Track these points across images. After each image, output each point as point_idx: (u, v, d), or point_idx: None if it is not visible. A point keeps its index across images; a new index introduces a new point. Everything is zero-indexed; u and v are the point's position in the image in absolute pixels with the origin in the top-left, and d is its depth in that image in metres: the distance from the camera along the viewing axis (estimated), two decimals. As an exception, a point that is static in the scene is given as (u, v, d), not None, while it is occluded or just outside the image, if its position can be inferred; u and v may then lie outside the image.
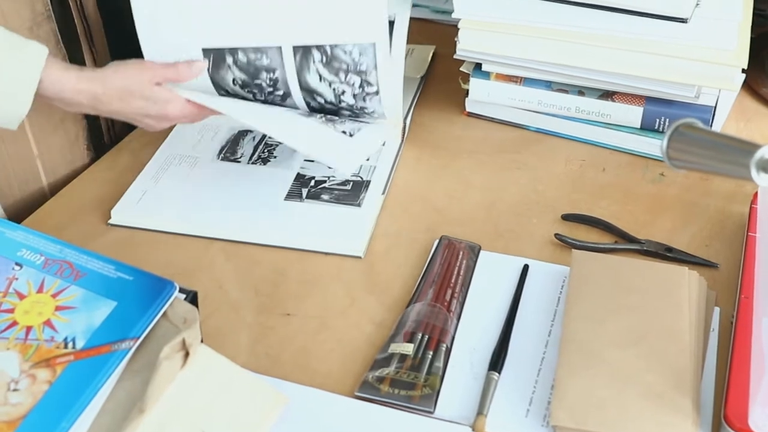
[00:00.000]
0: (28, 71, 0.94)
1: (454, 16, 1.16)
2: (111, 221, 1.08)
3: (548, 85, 1.18)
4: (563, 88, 1.18)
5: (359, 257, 1.02)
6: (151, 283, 0.83)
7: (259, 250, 1.04)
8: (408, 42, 1.17)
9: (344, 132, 1.08)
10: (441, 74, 1.34)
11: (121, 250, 1.04)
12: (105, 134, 1.28)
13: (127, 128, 1.31)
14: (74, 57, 1.22)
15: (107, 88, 0.99)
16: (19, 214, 1.14)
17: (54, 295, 0.83)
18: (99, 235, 1.07)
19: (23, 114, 0.95)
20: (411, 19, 1.34)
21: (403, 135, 1.19)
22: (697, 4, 1.05)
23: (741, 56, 1.06)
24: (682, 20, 1.04)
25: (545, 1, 1.11)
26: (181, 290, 0.84)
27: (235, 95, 1.10)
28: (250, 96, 1.10)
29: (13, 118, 0.96)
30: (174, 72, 1.04)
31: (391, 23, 1.15)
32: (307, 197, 1.10)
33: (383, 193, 1.10)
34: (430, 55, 1.38)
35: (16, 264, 0.86)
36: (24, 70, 0.94)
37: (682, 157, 0.70)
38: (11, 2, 1.07)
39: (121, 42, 1.35)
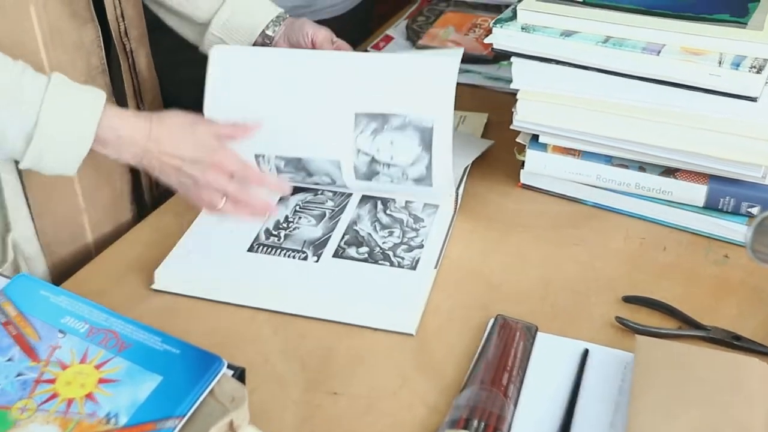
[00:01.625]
0: (89, 110, 0.97)
1: (512, 86, 1.13)
2: (154, 286, 1.05)
3: (608, 159, 1.15)
4: (623, 163, 1.14)
5: (411, 334, 0.98)
6: (199, 357, 0.80)
7: (305, 323, 1.00)
8: (460, 108, 1.14)
9: (401, 264, 1.06)
10: (494, 143, 1.30)
11: (164, 317, 1.00)
12: (146, 192, 1.27)
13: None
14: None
15: (163, 124, 1.01)
16: (66, 271, 1.12)
17: (97, 367, 0.80)
18: (141, 300, 1.04)
19: (83, 154, 0.97)
20: (463, 84, 1.33)
21: (456, 206, 1.16)
22: (767, 83, 1.02)
23: (812, 136, 1.02)
24: (752, 99, 1.00)
25: (607, 74, 1.08)
26: (229, 366, 0.81)
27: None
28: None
29: (72, 160, 0.97)
30: (230, 129, 1.06)
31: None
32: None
33: (435, 267, 1.06)
34: (483, 123, 1.35)
35: (60, 331, 0.83)
36: (84, 108, 0.97)
37: (768, 251, 0.66)
38: (68, 54, 1.07)
39: (173, 101, 1.34)
